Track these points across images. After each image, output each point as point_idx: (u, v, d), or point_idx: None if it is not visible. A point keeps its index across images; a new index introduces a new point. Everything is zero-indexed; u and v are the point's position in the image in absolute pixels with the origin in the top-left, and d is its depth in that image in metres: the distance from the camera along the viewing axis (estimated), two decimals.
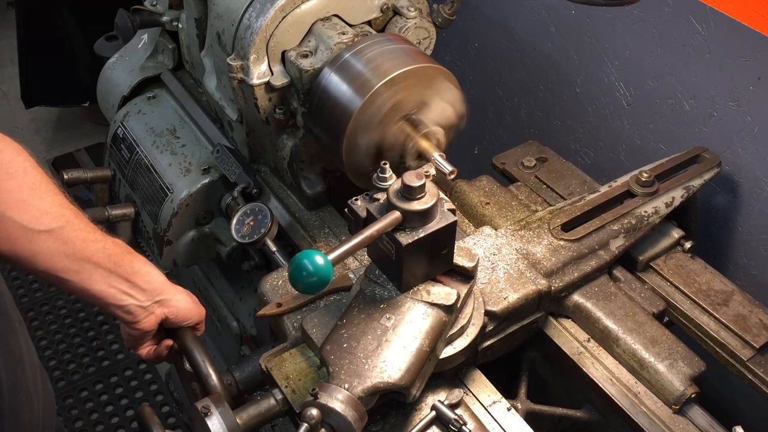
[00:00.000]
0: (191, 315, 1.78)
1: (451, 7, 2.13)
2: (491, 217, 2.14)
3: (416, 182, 1.52)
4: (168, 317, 1.75)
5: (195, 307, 1.80)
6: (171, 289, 1.75)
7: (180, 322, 1.77)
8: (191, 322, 1.79)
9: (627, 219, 2.01)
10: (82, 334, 3.77)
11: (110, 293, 1.65)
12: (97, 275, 1.62)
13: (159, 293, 1.71)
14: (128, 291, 1.66)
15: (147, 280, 1.69)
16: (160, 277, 1.73)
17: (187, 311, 1.77)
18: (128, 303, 1.67)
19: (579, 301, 1.89)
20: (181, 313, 1.76)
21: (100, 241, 1.64)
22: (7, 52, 5.13)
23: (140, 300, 1.68)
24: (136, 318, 1.70)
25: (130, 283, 1.66)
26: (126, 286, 1.66)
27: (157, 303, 1.71)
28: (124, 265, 1.65)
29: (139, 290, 1.68)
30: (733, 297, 1.98)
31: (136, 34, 2.68)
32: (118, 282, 1.65)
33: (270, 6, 1.98)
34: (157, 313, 1.72)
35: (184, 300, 1.77)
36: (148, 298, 1.69)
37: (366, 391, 1.47)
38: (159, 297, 1.71)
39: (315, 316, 1.69)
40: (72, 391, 3.53)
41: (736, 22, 2.18)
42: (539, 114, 3.04)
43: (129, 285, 1.66)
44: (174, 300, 1.74)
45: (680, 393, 1.73)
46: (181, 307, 1.76)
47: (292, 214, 2.25)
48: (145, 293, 1.69)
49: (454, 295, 1.59)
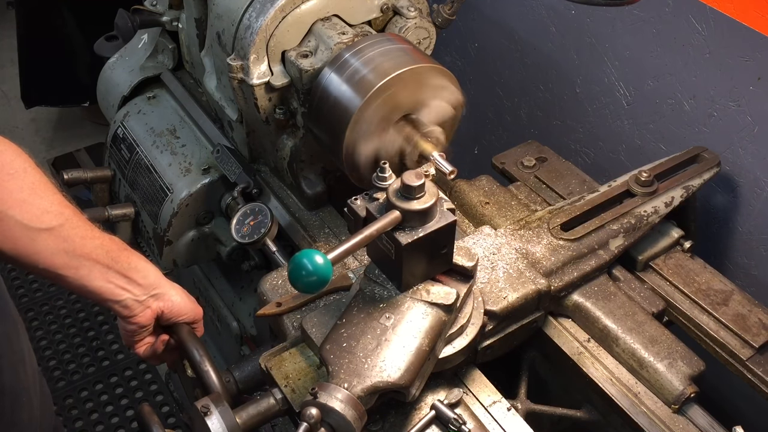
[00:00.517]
0: (186, 310, 1.81)
1: (451, 7, 2.14)
2: (491, 216, 2.14)
3: (416, 182, 1.51)
4: (164, 312, 1.77)
5: (190, 303, 1.82)
6: (166, 284, 1.77)
7: (175, 317, 1.79)
8: (187, 317, 1.81)
9: (626, 218, 2.01)
10: (82, 334, 3.77)
11: (108, 288, 1.67)
12: (96, 271, 1.65)
13: (155, 288, 1.74)
14: (125, 286, 1.69)
15: (143, 276, 1.71)
16: (156, 273, 1.75)
17: (182, 306, 1.79)
18: (125, 297, 1.70)
19: (578, 301, 1.89)
20: (176, 308, 1.78)
21: (98, 238, 1.66)
22: (7, 52, 5.13)
23: (136, 294, 1.71)
24: (132, 312, 1.72)
25: (126, 278, 1.69)
26: (123, 281, 1.68)
27: (152, 297, 1.74)
28: (121, 261, 1.68)
29: (136, 285, 1.70)
30: (733, 296, 1.98)
31: (136, 34, 2.68)
32: (116, 278, 1.67)
33: (270, 6, 1.98)
34: (153, 307, 1.75)
35: (178, 295, 1.79)
36: (144, 292, 1.72)
37: (365, 391, 1.47)
38: (155, 291, 1.74)
39: (314, 316, 1.69)
40: (72, 391, 3.53)
41: (736, 22, 2.18)
42: (539, 114, 3.04)
43: (126, 280, 1.69)
44: (169, 294, 1.77)
45: (679, 392, 1.73)
46: (176, 302, 1.78)
47: (292, 214, 2.26)
48: (141, 288, 1.71)
49: (453, 294, 1.59)
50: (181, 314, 1.80)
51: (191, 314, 1.82)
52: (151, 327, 1.79)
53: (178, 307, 1.78)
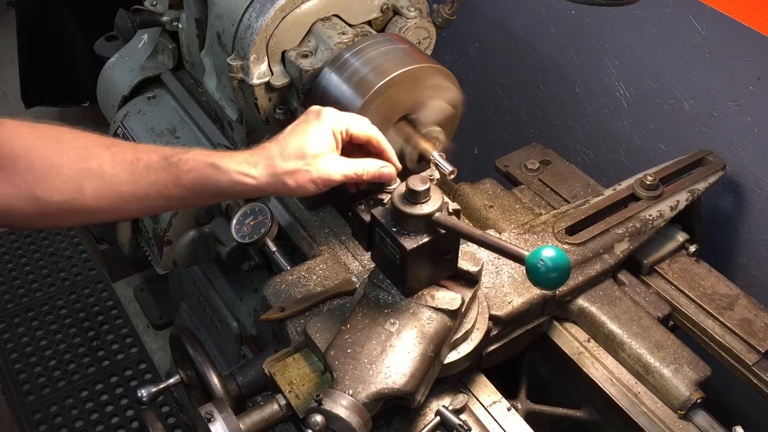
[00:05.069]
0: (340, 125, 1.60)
1: (451, 7, 2.13)
2: (495, 220, 2.13)
3: (421, 186, 1.51)
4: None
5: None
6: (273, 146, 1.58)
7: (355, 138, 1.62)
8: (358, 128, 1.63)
9: (631, 222, 2.00)
10: (82, 334, 3.76)
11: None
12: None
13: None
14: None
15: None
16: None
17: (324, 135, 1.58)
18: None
19: (584, 306, 1.89)
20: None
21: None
22: (7, 52, 5.11)
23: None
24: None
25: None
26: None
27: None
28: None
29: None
30: (738, 301, 1.97)
31: (136, 34, 2.67)
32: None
33: (270, 6, 1.97)
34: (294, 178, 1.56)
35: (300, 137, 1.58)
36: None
37: (370, 397, 1.46)
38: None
39: (318, 321, 1.68)
40: (72, 391, 3.52)
41: (736, 22, 2.17)
42: (539, 114, 3.04)
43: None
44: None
45: (686, 398, 1.73)
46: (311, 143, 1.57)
47: (292, 214, 2.25)
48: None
49: (458, 299, 1.59)
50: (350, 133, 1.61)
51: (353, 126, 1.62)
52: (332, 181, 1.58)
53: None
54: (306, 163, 1.53)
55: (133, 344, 3.74)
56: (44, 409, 3.46)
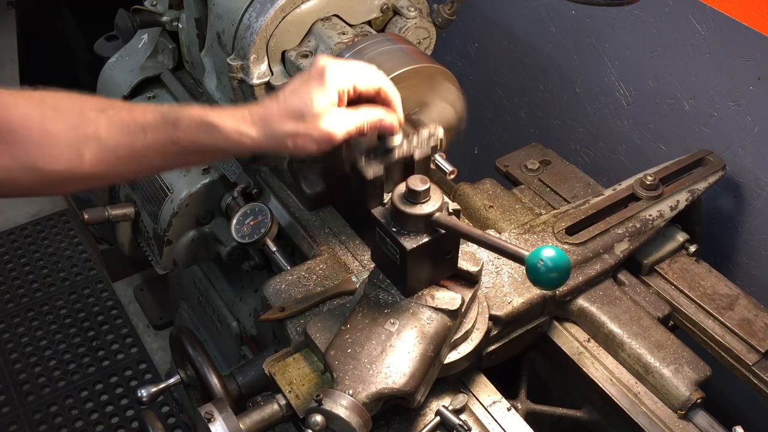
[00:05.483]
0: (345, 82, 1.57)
1: (451, 7, 2.13)
2: (495, 220, 2.13)
3: (421, 186, 1.51)
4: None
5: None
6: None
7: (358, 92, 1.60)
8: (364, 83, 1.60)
9: (632, 222, 2.00)
10: (82, 334, 3.76)
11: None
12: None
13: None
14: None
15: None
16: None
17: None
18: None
19: (584, 306, 1.89)
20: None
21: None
22: (7, 52, 5.11)
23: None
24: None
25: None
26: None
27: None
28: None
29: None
30: (738, 301, 1.97)
31: (136, 34, 2.67)
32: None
33: (270, 6, 1.97)
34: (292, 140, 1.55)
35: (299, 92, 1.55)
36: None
37: (370, 397, 1.46)
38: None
39: (318, 321, 1.68)
40: (72, 391, 3.52)
41: (736, 22, 2.17)
42: (539, 114, 3.04)
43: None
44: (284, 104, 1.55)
45: (686, 398, 1.73)
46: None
47: (292, 214, 2.25)
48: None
49: (458, 299, 1.59)
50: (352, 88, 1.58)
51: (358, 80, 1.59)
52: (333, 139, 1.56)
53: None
54: (306, 125, 1.52)
55: (133, 344, 3.74)
56: (44, 409, 3.46)
